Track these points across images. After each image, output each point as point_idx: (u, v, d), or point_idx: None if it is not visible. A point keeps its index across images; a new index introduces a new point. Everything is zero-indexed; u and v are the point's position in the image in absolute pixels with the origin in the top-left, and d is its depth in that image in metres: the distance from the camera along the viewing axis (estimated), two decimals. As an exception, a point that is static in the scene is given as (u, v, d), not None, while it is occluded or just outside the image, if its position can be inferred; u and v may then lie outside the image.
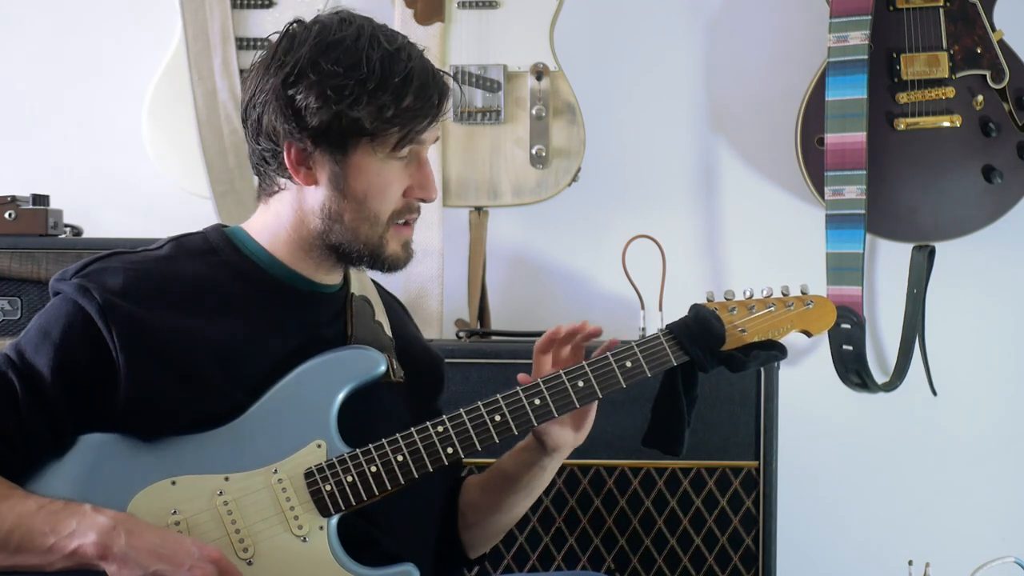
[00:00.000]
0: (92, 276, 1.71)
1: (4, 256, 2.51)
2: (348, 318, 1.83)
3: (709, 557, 2.46)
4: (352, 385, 1.75)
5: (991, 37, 2.77)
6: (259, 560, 1.69)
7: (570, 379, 1.78)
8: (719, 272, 3.00)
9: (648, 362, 1.80)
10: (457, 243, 2.87)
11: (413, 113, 1.71)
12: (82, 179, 2.96)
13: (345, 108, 1.69)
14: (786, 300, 1.87)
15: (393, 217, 1.77)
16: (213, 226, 1.85)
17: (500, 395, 1.76)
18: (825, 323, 1.88)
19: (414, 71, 1.71)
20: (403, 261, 1.81)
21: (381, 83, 1.69)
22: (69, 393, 1.68)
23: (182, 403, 1.69)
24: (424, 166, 1.78)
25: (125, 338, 1.67)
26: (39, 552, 1.62)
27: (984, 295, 3.00)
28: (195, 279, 1.75)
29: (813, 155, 2.81)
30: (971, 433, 2.99)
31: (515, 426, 1.76)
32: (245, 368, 1.73)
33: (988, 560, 2.11)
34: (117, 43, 3.00)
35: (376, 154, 1.73)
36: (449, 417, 1.75)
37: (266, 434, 1.72)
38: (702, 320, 1.82)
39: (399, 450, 1.72)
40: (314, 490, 1.71)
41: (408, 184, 1.77)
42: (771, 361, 1.87)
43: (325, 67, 1.69)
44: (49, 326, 1.70)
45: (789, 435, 2.58)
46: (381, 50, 1.71)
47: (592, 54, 2.98)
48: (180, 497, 1.69)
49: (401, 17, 2.76)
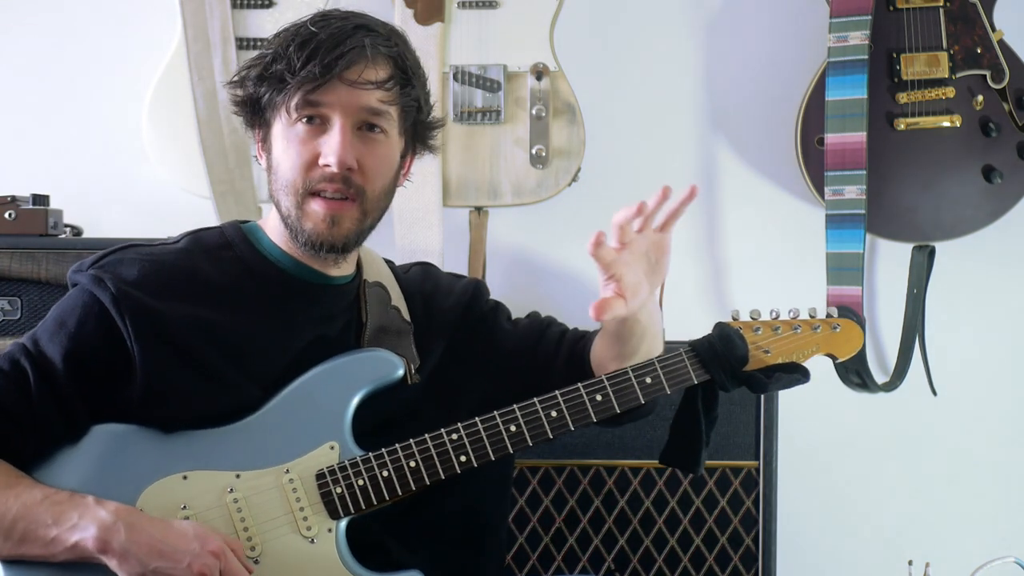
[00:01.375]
0: (107, 267, 1.74)
1: (4, 256, 2.51)
2: (363, 306, 1.84)
3: (709, 557, 2.46)
4: (368, 388, 1.75)
5: (991, 37, 2.77)
6: (265, 559, 1.69)
7: (588, 392, 1.76)
8: (719, 272, 3.00)
9: (668, 379, 1.79)
10: (457, 243, 2.86)
11: (304, 76, 1.72)
12: (82, 179, 2.96)
13: (257, 85, 1.76)
14: (812, 323, 1.84)
15: (305, 186, 1.75)
16: (231, 222, 1.87)
17: (516, 405, 1.75)
18: (852, 347, 1.85)
19: (315, 38, 1.73)
20: (328, 239, 1.76)
21: (280, 54, 1.74)
22: (81, 380, 1.70)
23: (196, 394, 1.70)
24: (332, 132, 1.75)
25: (139, 328, 1.69)
26: (42, 543, 1.64)
27: (984, 295, 2.99)
28: (209, 274, 1.77)
29: (813, 155, 2.81)
30: (971, 433, 2.99)
31: (530, 438, 1.75)
32: (258, 362, 1.74)
33: (988, 560, 2.10)
34: (117, 43, 2.99)
35: (283, 123, 1.76)
36: (464, 425, 1.74)
37: (280, 433, 1.72)
38: (725, 339, 1.80)
39: (412, 456, 1.72)
40: (324, 492, 1.71)
41: (317, 151, 1.75)
42: (793, 385, 1.84)
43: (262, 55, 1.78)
44: (65, 316, 1.73)
45: (789, 435, 2.58)
46: (299, 26, 1.76)
47: (592, 54, 2.97)
48: (191, 492, 1.70)
49: (401, 17, 2.76)
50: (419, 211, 2.69)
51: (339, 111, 1.74)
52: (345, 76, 1.72)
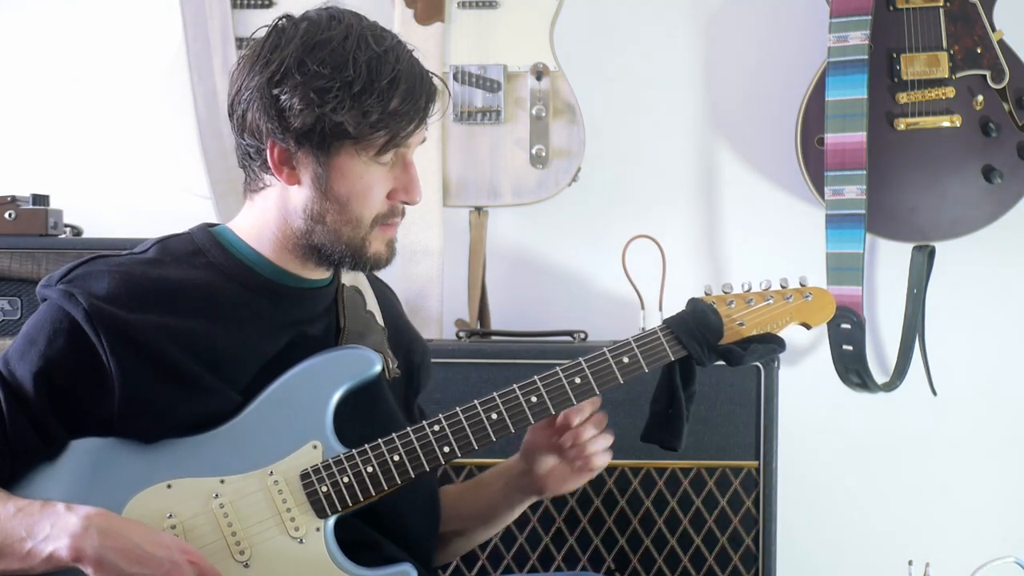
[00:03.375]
0: (77, 281, 1.70)
1: (4, 256, 2.51)
2: (340, 309, 1.83)
3: (709, 557, 2.46)
4: (348, 385, 1.74)
5: (991, 37, 2.77)
6: (255, 562, 1.68)
7: (567, 376, 1.76)
8: (719, 272, 3.00)
9: (646, 358, 1.79)
10: (457, 243, 2.86)
11: (399, 117, 1.69)
12: (82, 179, 2.96)
13: (329, 111, 1.67)
14: (784, 292, 1.85)
15: (376, 220, 1.74)
16: (199, 226, 1.83)
17: (496, 393, 1.75)
18: (824, 315, 1.86)
19: (401, 74, 1.69)
20: (386, 260, 1.79)
21: (367, 86, 1.67)
22: (53, 398, 1.67)
23: (176, 404, 1.68)
24: (409, 168, 1.75)
25: (114, 342, 1.66)
26: (19, 557, 1.60)
27: (984, 295, 2.99)
28: (181, 281, 1.74)
29: (813, 155, 2.81)
30: (971, 433, 2.99)
31: (512, 424, 1.75)
32: (235, 368, 1.72)
33: (988, 560, 2.10)
34: (117, 43, 2.99)
35: (360, 157, 1.71)
36: (446, 416, 1.74)
37: (262, 436, 1.71)
38: (699, 314, 1.81)
39: (395, 450, 1.72)
40: (310, 491, 1.70)
41: (392, 187, 1.74)
42: (770, 355, 1.85)
43: (311, 67, 1.67)
44: (35, 333, 1.70)
45: (789, 435, 2.58)
46: (369, 51, 1.68)
47: (592, 54, 2.97)
48: (175, 500, 1.68)
49: (401, 17, 2.76)
50: (419, 211, 2.69)
51: (413, 150, 1.76)
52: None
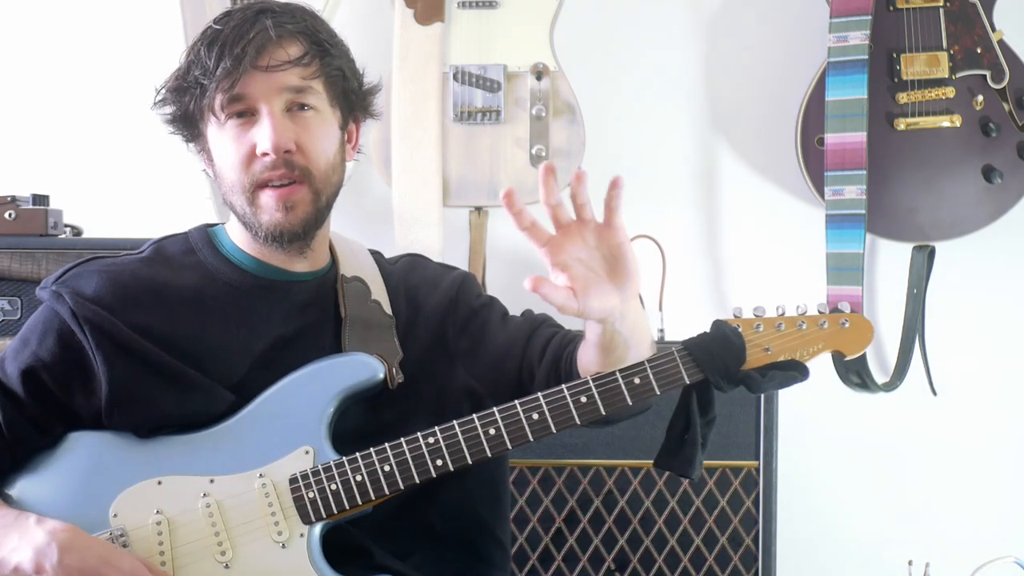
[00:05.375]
0: (67, 282, 1.77)
1: (4, 256, 2.51)
2: (341, 300, 1.83)
3: (709, 557, 2.46)
4: (347, 392, 1.73)
5: (991, 37, 2.77)
6: (236, 564, 1.68)
7: (572, 394, 1.68)
8: (719, 272, 3.00)
9: (658, 380, 1.69)
10: (457, 243, 2.86)
11: (219, 73, 1.72)
12: (82, 179, 2.96)
13: (180, 97, 1.78)
14: (818, 318, 1.72)
15: (251, 181, 1.75)
16: (199, 226, 1.88)
17: (496, 408, 1.69)
18: (861, 344, 1.73)
19: (220, 35, 1.74)
20: (288, 227, 1.76)
21: (195, 59, 1.75)
22: (46, 395, 1.73)
23: (162, 399, 1.71)
24: (262, 120, 1.74)
25: (98, 338, 1.72)
26: None
27: (984, 295, 2.99)
28: (169, 281, 1.78)
29: (813, 155, 2.81)
30: (971, 433, 2.99)
31: (510, 440, 1.68)
32: (222, 364, 1.74)
33: (988, 560, 2.10)
34: (117, 43, 2.99)
35: (214, 126, 1.77)
36: (441, 428, 1.69)
37: (255, 438, 1.71)
38: (720, 337, 1.70)
39: (386, 460, 1.69)
40: (297, 496, 1.69)
41: (252, 144, 1.75)
42: (789, 383, 1.72)
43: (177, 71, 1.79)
44: (28, 334, 1.77)
45: (789, 435, 2.58)
46: (208, 31, 1.76)
47: (592, 54, 2.97)
48: (164, 497, 1.69)
49: (401, 17, 2.76)
50: (419, 211, 2.69)
51: (262, 99, 1.74)
52: (258, 63, 1.72)
